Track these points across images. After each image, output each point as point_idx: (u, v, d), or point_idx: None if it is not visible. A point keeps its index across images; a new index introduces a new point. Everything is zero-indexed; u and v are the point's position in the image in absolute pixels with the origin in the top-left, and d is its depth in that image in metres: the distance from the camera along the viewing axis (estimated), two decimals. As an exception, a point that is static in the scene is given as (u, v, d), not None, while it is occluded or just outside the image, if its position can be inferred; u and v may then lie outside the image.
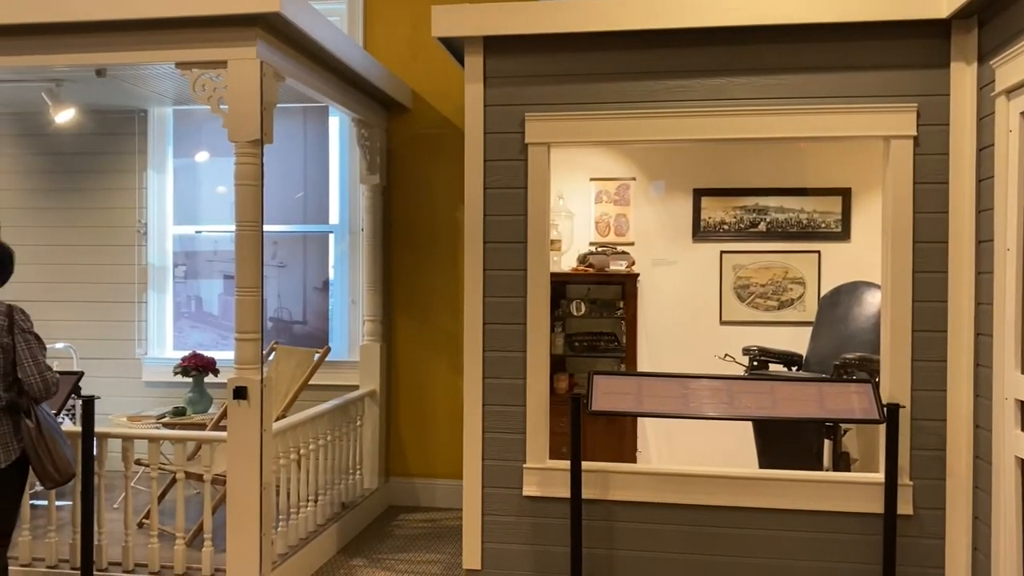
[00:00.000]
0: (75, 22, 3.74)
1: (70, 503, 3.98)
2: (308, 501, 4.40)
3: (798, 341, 4.93)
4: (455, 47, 4.05)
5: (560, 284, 5.10)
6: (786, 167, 5.23)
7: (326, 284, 5.95)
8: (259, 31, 3.66)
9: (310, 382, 4.71)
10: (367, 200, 5.40)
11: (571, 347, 5.09)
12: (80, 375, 3.75)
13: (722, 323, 5.26)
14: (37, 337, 3.20)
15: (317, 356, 4.75)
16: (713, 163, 5.26)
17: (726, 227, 5.26)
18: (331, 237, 5.89)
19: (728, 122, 3.72)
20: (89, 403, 3.76)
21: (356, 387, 5.34)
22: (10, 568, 3.65)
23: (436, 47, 4.08)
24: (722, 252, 5.27)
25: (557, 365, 5.06)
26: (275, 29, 3.78)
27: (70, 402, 4.08)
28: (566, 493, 3.68)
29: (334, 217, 5.87)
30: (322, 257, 5.97)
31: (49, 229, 5.87)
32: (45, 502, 3.96)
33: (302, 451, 4.33)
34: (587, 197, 5.33)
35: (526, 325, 3.86)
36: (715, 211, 5.26)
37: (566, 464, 3.71)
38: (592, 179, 5.33)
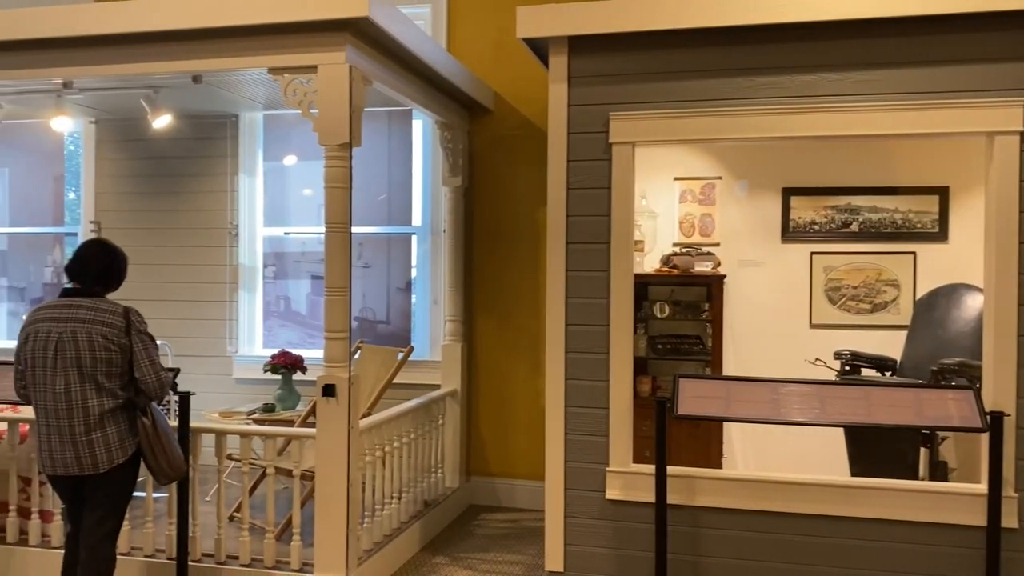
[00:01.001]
0: (173, 30, 3.88)
1: (166, 495, 4.12)
2: (392, 498, 4.46)
3: (892, 345, 4.75)
4: (539, 48, 4.04)
5: (643, 285, 5.04)
6: (879, 165, 5.05)
7: (409, 285, 6.03)
8: (348, 36, 3.72)
9: (393, 381, 4.77)
10: (449, 202, 5.44)
11: (654, 349, 5.02)
12: (177, 372, 3.89)
13: (812, 326, 5.11)
14: (151, 337, 3.31)
15: (401, 355, 4.81)
16: (803, 161, 5.11)
17: (816, 227, 5.11)
18: (414, 238, 5.96)
19: (821, 119, 3.62)
20: (185, 399, 3.90)
21: (437, 386, 5.39)
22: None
23: (519, 48, 4.09)
24: (812, 253, 5.12)
25: (639, 367, 4.98)
26: (363, 34, 3.84)
27: (167, 397, 4.23)
28: (650, 498, 3.64)
29: (417, 219, 5.94)
30: (405, 258, 6.04)
31: (147, 231, 6.11)
32: (143, 494, 4.11)
33: (386, 448, 4.39)
34: (671, 197, 5.25)
35: (609, 327, 3.83)
36: (805, 211, 5.12)
37: (650, 468, 3.67)
38: (676, 178, 5.25)
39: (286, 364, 5.32)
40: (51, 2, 4.38)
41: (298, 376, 5.38)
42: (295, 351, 5.44)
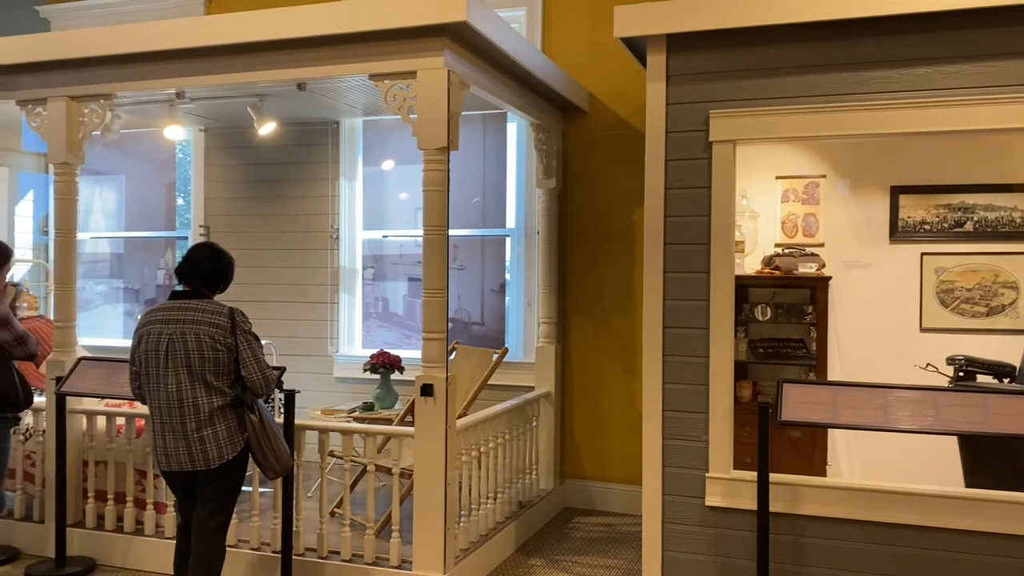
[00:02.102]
0: (278, 40, 4.01)
1: (270, 490, 4.25)
2: (488, 498, 4.49)
3: (1010, 351, 4.49)
4: (636, 47, 4.00)
5: (743, 287, 4.91)
6: (995, 161, 4.78)
7: (502, 286, 6.06)
8: (446, 41, 3.77)
9: (488, 382, 4.80)
10: (543, 203, 5.45)
11: (754, 353, 4.90)
12: (282, 370, 4.01)
13: (922, 330, 4.88)
14: (256, 337, 3.43)
15: (495, 357, 4.83)
16: (912, 158, 4.89)
17: (927, 227, 4.89)
18: (508, 240, 5.99)
19: (932, 114, 3.46)
20: (290, 397, 4.02)
21: (531, 388, 5.40)
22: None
23: (614, 48, 4.08)
24: (923, 254, 4.89)
25: (739, 372, 4.86)
26: (461, 38, 3.88)
27: (272, 395, 4.36)
28: (752, 505, 3.55)
29: (511, 221, 5.96)
30: (499, 260, 6.08)
31: (252, 234, 6.34)
32: (249, 488, 4.25)
33: (482, 449, 4.42)
34: (772, 196, 5.11)
35: (709, 329, 3.75)
36: (915, 210, 4.90)
37: (751, 475, 3.58)
38: (778, 177, 5.10)
39: (384, 364, 5.42)
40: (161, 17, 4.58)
41: (395, 376, 5.48)
42: (392, 351, 5.54)
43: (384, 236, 6.32)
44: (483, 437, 4.44)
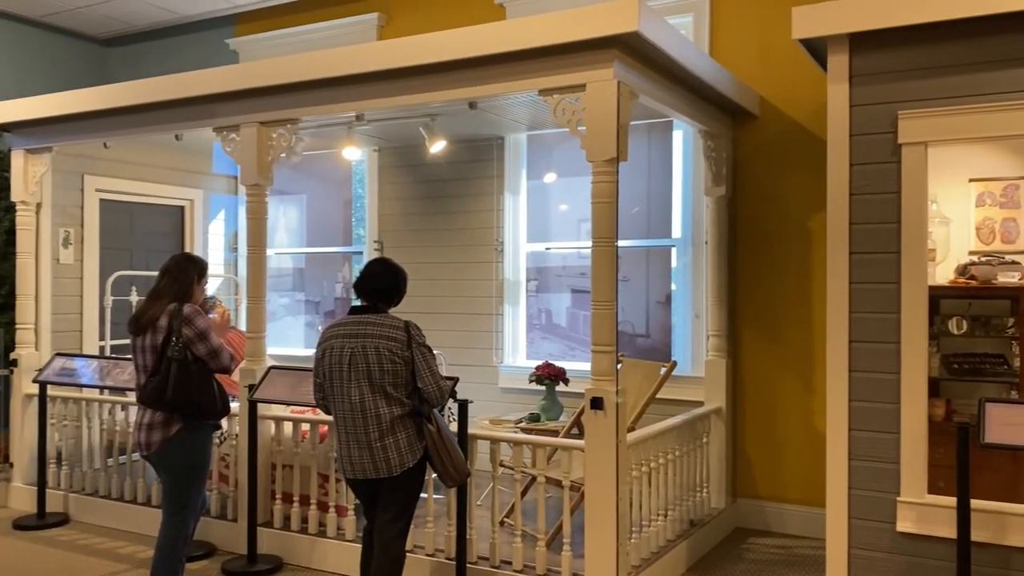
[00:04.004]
0: (451, 60, 4.12)
1: (443, 496, 4.35)
2: (658, 515, 4.41)
3: None
4: (815, 48, 3.83)
5: (934, 299, 4.56)
6: None
7: (668, 298, 5.95)
8: (616, 52, 3.75)
9: (655, 396, 4.71)
10: (712, 212, 5.31)
11: (948, 369, 4.55)
12: (456, 380, 4.10)
13: None
14: (430, 349, 3.53)
15: (663, 370, 4.74)
16: None
17: None
18: (673, 251, 5.88)
19: None
20: (464, 407, 4.10)
21: (700, 403, 5.26)
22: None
23: (786, 50, 3.90)
24: None
25: (931, 389, 4.52)
26: (631, 48, 3.85)
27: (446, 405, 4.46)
28: (950, 533, 3.31)
29: (676, 231, 5.85)
30: (664, 271, 5.98)
31: (423, 248, 6.55)
32: (424, 495, 4.37)
33: (652, 464, 4.34)
34: (966, 200, 4.73)
35: (899, 344, 3.52)
36: None
37: (949, 500, 3.33)
38: (972, 180, 4.73)
39: (550, 375, 5.45)
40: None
41: (560, 387, 5.49)
42: (556, 363, 5.56)
43: (547, 248, 6.37)
44: (653, 452, 4.36)
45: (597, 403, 3.82)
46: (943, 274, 4.64)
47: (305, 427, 4.85)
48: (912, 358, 3.49)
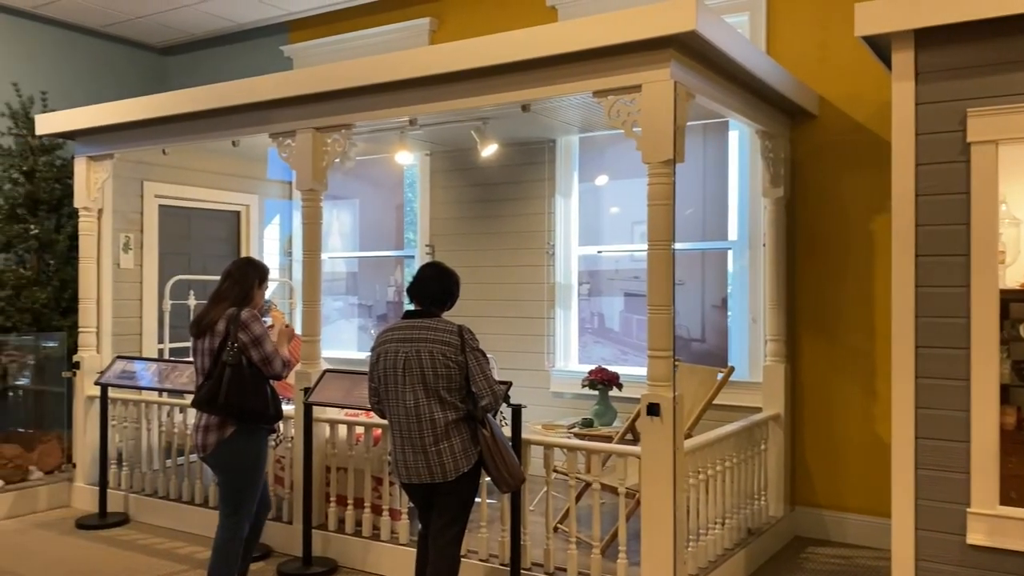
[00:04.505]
0: (504, 63, 4.10)
1: (496, 501, 4.33)
2: (716, 523, 4.32)
3: None
4: (879, 45, 3.72)
5: (1004, 302, 4.40)
6: None
7: (724, 301, 5.85)
8: (672, 52, 3.69)
9: (712, 402, 4.63)
10: (770, 214, 5.21)
11: (1019, 376, 4.37)
12: (509, 385, 4.08)
13: None
14: (483, 353, 3.52)
15: (720, 376, 4.65)
16: None
17: None
18: (729, 253, 5.78)
19: None
20: (517, 411, 4.08)
21: (757, 409, 5.15)
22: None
23: (845, 47, 3.80)
24: None
25: (1001, 396, 4.37)
26: (688, 48, 3.79)
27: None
28: (1023, 546, 3.17)
29: (732, 233, 5.75)
30: (720, 274, 5.88)
31: (475, 252, 6.55)
32: (478, 499, 4.35)
33: (709, 472, 4.27)
34: (1036, 201, 4.56)
35: (969, 350, 3.40)
36: None
37: (1022, 512, 3.19)
38: (1043, 179, 4.55)
39: (603, 380, 5.39)
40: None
41: (613, 392, 5.43)
42: (609, 367, 5.50)
43: (599, 252, 6.31)
44: (710, 459, 4.28)
45: (654, 409, 3.76)
46: (1013, 277, 4.47)
47: (359, 430, 4.87)
48: (982, 364, 3.38)
